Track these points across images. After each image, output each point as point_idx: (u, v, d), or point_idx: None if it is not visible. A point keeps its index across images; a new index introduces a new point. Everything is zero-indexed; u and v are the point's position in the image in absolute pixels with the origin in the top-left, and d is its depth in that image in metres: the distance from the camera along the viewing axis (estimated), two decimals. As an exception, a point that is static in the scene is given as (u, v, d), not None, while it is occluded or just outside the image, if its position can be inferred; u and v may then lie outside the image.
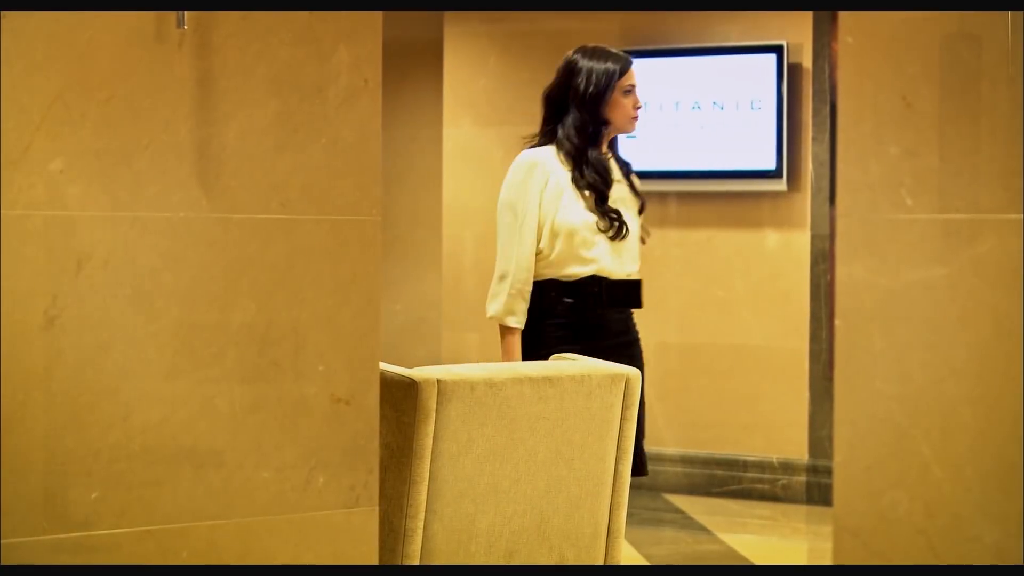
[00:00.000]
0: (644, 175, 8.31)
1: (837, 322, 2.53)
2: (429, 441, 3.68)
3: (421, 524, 3.69)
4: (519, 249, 4.81)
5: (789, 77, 7.68)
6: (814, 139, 7.72)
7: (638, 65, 4.99)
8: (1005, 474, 2.40)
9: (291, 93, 3.06)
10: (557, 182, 4.84)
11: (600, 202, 4.86)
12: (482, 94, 8.45)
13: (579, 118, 4.85)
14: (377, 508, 3.18)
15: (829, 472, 7.58)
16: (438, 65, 8.56)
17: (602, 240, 4.85)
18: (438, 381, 3.68)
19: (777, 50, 7.68)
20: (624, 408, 4.00)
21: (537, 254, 4.83)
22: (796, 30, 7.78)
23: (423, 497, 3.69)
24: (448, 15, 8.48)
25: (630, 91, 4.88)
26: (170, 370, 2.96)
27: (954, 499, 2.45)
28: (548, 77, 4.99)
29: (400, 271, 9.02)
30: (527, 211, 4.81)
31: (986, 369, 2.42)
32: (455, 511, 3.75)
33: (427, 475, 3.69)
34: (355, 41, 3.12)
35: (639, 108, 4.89)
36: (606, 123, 4.88)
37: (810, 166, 7.70)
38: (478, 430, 3.77)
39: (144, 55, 2.92)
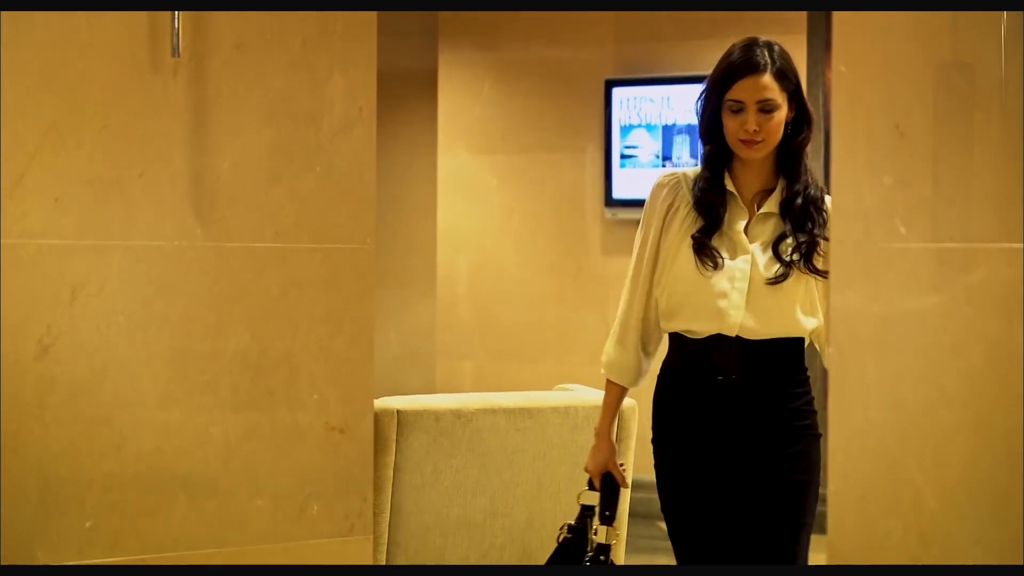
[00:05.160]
0: (638, 202, 8.33)
1: (830, 350, 2.53)
2: (389, 472, 3.62)
3: (384, 556, 3.64)
4: None
5: (783, 105, 7.68)
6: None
7: (629, 93, 4.73)
8: (999, 503, 2.40)
9: (285, 122, 3.06)
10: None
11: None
12: (476, 122, 8.45)
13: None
14: (372, 537, 3.17)
15: (823, 500, 7.57)
16: (432, 93, 8.56)
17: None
18: (397, 411, 3.63)
19: (770, 78, 7.68)
20: (618, 440, 3.95)
21: None
22: (789, 59, 7.78)
23: (384, 528, 3.63)
24: (442, 44, 8.49)
25: (738, 109, 3.54)
26: (164, 399, 2.95)
27: (948, 528, 2.44)
28: (542, 104, 4.91)
29: (394, 299, 9.00)
30: None
31: (979, 398, 2.41)
32: (421, 544, 3.69)
33: (388, 507, 3.64)
34: (349, 70, 3.12)
35: (747, 129, 3.53)
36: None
37: (804, 194, 7.70)
38: (445, 462, 3.72)
39: (138, 84, 2.92)
